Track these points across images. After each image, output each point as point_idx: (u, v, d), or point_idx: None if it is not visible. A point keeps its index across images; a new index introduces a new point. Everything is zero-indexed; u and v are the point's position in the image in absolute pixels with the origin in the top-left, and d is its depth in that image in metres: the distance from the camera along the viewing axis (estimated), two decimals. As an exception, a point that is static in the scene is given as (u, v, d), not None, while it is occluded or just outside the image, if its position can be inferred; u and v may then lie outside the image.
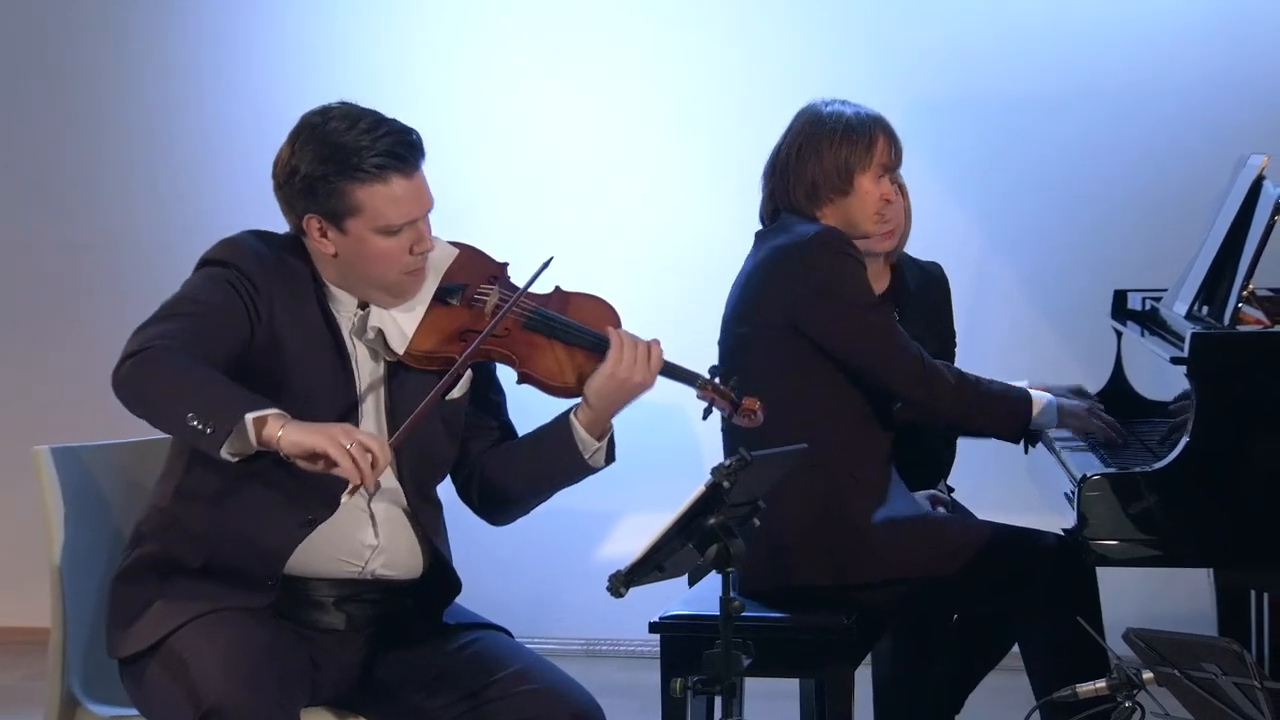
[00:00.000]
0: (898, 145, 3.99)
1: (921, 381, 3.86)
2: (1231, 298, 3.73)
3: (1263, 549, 3.56)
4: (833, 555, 3.84)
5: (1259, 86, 5.37)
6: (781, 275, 3.88)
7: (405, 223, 3.18)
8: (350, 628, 3.28)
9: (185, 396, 2.98)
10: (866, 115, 3.97)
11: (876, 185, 3.95)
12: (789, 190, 3.95)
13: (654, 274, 5.53)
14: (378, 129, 3.18)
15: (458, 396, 3.32)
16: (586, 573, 5.31)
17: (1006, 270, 5.58)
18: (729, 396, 3.34)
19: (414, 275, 3.23)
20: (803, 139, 3.96)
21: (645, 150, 5.67)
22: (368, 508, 3.25)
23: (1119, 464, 3.79)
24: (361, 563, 3.26)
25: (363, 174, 3.15)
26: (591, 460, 3.31)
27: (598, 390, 3.26)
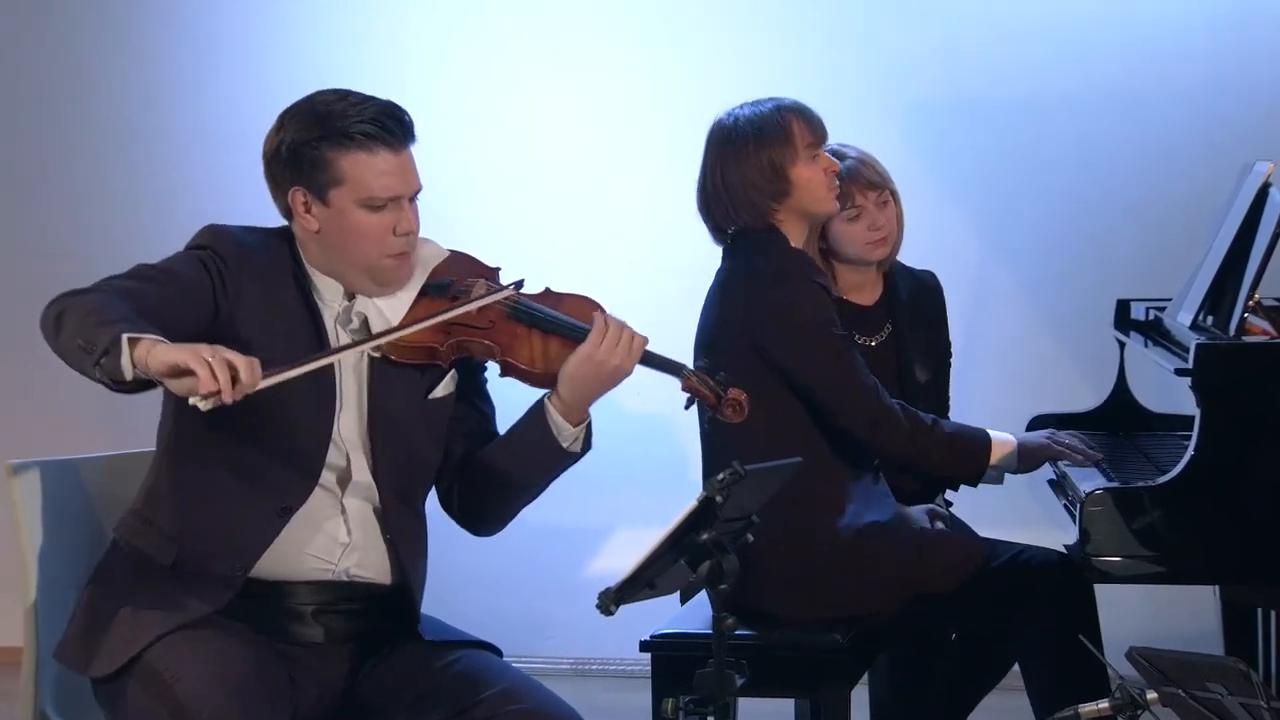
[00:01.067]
0: (814, 119, 3.94)
1: (872, 420, 3.85)
2: (1237, 307, 3.73)
3: (1270, 565, 3.56)
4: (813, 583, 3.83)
5: (1265, 90, 5.38)
6: (742, 304, 3.88)
7: (389, 197, 3.20)
8: (329, 640, 3.28)
9: (80, 325, 2.97)
10: (771, 108, 3.94)
11: (813, 167, 3.92)
12: (731, 214, 3.94)
13: (649, 277, 5.52)
14: (367, 101, 3.24)
15: (441, 396, 3.33)
16: (575, 590, 5.31)
17: (1005, 279, 5.58)
18: (713, 387, 3.34)
19: (398, 260, 3.24)
20: (720, 160, 3.94)
21: (639, 153, 5.67)
22: (340, 501, 3.26)
23: (1122, 479, 3.79)
24: (334, 561, 3.27)
25: (348, 140, 3.18)
26: (568, 446, 3.31)
27: (574, 371, 3.26)
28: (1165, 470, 3.65)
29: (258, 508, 3.22)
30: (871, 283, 4.39)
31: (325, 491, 3.25)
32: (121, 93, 5.89)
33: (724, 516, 2.92)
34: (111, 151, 5.91)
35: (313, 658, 3.27)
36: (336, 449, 3.26)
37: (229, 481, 3.21)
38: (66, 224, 5.90)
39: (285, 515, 3.22)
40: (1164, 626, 5.08)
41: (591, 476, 5.47)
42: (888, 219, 4.32)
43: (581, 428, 3.32)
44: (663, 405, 5.46)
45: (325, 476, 3.25)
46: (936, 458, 3.93)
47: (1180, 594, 4.47)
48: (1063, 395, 4.93)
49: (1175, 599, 4.82)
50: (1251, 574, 3.60)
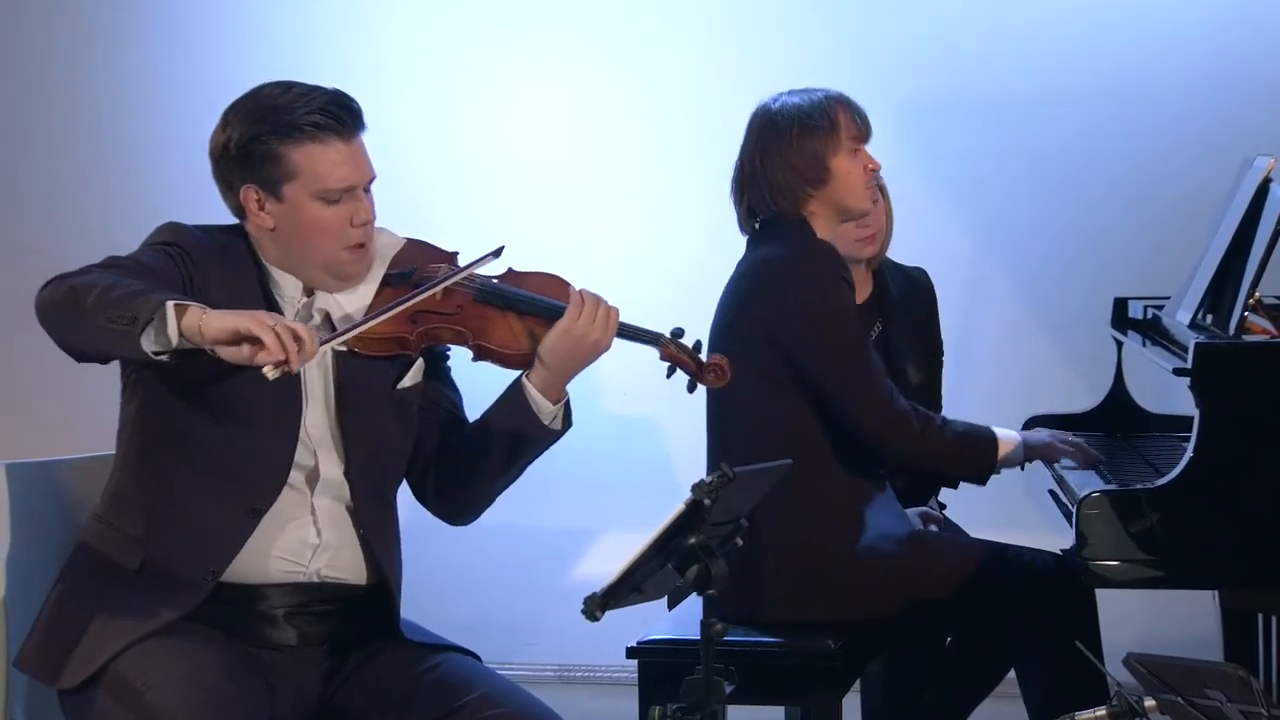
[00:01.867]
0: (861, 114, 3.98)
1: (887, 423, 3.85)
2: (1237, 306, 3.73)
3: (1271, 569, 3.56)
4: (814, 592, 3.83)
5: (1264, 85, 5.38)
6: (765, 290, 3.88)
7: (343, 188, 3.20)
8: (304, 643, 3.27)
9: (106, 299, 2.97)
10: (820, 97, 3.96)
11: (854, 161, 3.94)
12: (766, 199, 3.94)
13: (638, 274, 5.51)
14: (313, 92, 3.23)
15: (410, 385, 3.33)
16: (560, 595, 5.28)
17: (1000, 277, 5.58)
18: (692, 354, 3.35)
19: (356, 253, 3.24)
20: (763, 144, 3.95)
21: (630, 150, 5.67)
22: (309, 501, 3.25)
23: (1120, 481, 3.79)
24: (304, 563, 3.26)
25: (297, 132, 3.18)
26: (550, 424, 3.31)
27: (553, 347, 3.27)
28: (1164, 472, 3.64)
29: (226, 509, 3.20)
30: (861, 281, 4.39)
31: (293, 491, 3.25)
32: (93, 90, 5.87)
33: (712, 520, 2.91)
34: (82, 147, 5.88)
35: (288, 662, 3.26)
36: (304, 448, 3.25)
37: (195, 483, 3.21)
38: (38, 222, 5.88)
39: (254, 517, 3.21)
40: (1163, 632, 5.08)
41: (577, 478, 5.54)
42: (877, 216, 4.32)
43: (560, 405, 3.32)
44: (650, 406, 5.51)
45: (293, 476, 3.24)
46: (947, 459, 3.94)
47: (1179, 599, 4.46)
48: (1059, 395, 4.92)
49: (1174, 604, 4.82)
50: (1252, 578, 3.60)
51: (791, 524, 3.81)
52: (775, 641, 3.81)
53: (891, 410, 3.85)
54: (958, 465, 3.97)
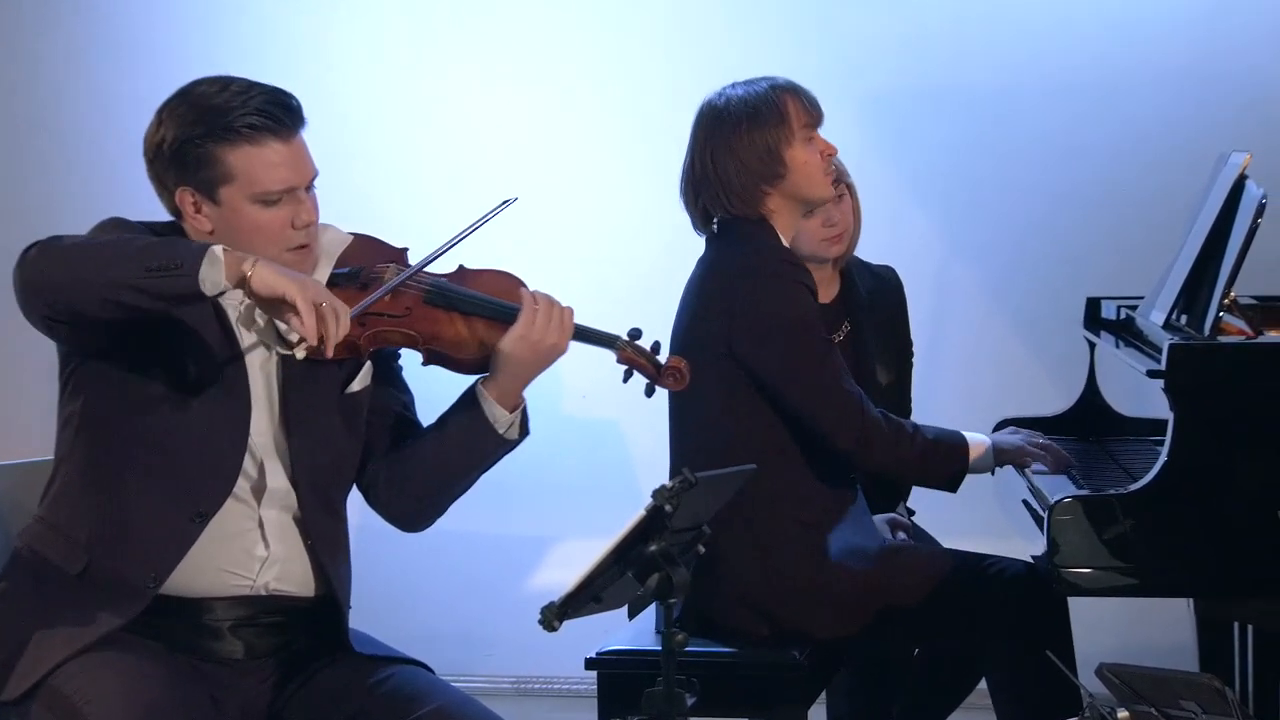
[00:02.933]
0: (810, 99, 3.95)
1: (856, 431, 3.84)
2: (1212, 306, 3.74)
3: (1246, 577, 3.57)
4: (779, 602, 3.83)
5: (1240, 78, 5.40)
6: (721, 304, 3.87)
7: (282, 190, 3.19)
8: (250, 656, 3.26)
9: (131, 253, 2.99)
10: (765, 88, 3.93)
11: (809, 149, 3.92)
12: (721, 200, 3.92)
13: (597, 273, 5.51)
14: (250, 90, 3.20)
15: (358, 389, 3.32)
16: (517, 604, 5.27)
17: (970, 276, 5.59)
18: (650, 357, 3.34)
19: (300, 254, 3.22)
20: (712, 143, 3.92)
21: (589, 145, 5.66)
22: (256, 513, 3.24)
23: (1093, 486, 3.80)
24: (252, 576, 3.25)
25: (233, 135, 3.16)
26: (506, 433, 3.30)
27: (508, 354, 3.26)
28: (1137, 477, 3.66)
29: (171, 512, 3.19)
30: (828, 280, 4.39)
31: (239, 502, 3.23)
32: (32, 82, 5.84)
33: (674, 527, 2.91)
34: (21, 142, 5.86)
35: (233, 675, 3.25)
36: (250, 456, 3.23)
37: (140, 484, 3.19)
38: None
39: (200, 521, 3.19)
40: (1136, 641, 5.09)
41: (535, 484, 5.54)
42: (843, 214, 4.33)
43: (517, 413, 3.31)
44: (609, 410, 5.50)
45: (239, 485, 3.23)
46: (918, 467, 3.94)
47: (1153, 607, 4.49)
48: (1030, 398, 4.94)
49: (1148, 612, 4.84)
50: (1227, 586, 3.62)
51: (756, 533, 3.82)
52: (739, 652, 3.82)
53: (862, 422, 3.85)
54: (929, 473, 3.97)
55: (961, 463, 3.93)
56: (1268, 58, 5.38)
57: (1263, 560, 3.55)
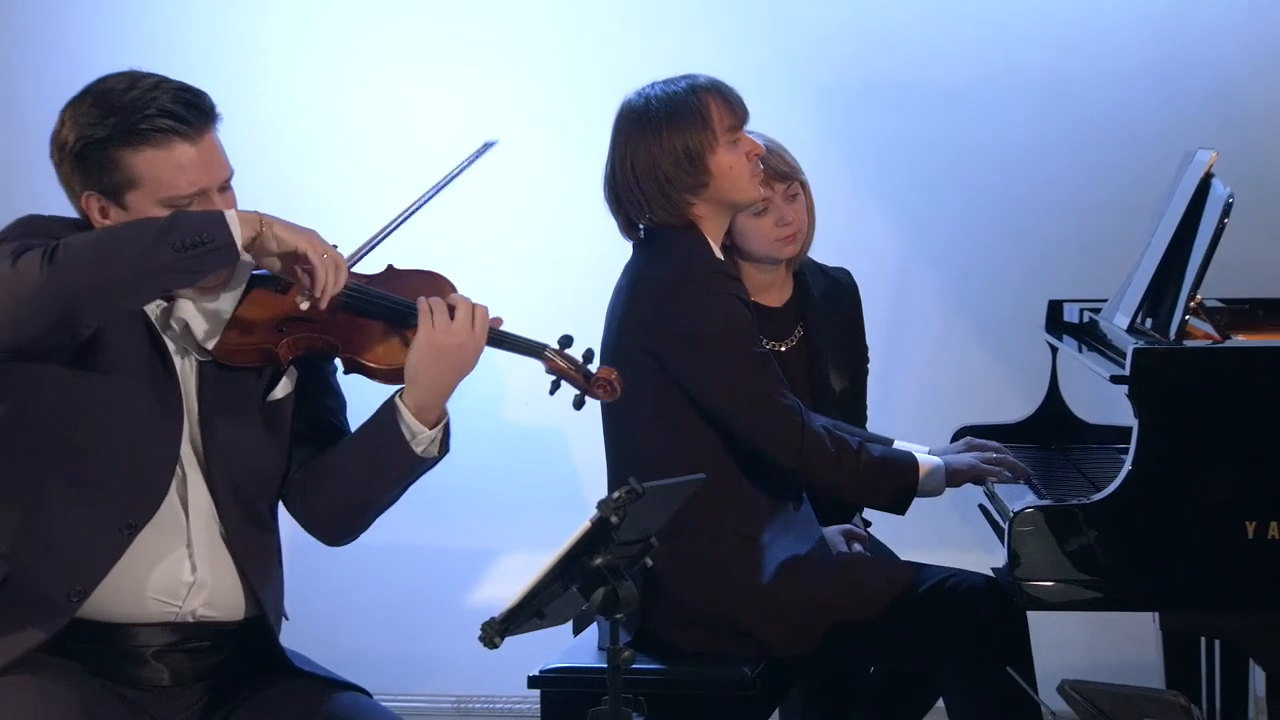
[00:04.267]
0: (733, 98, 3.92)
1: (795, 448, 3.84)
2: (1178, 309, 3.76)
3: (1213, 590, 3.59)
4: (728, 618, 3.84)
5: (1205, 74, 5.43)
6: (649, 316, 3.85)
7: (193, 193, 3.15)
8: (175, 682, 3.23)
9: (149, 239, 3.01)
10: (685, 86, 3.90)
11: (734, 153, 3.90)
12: (644, 207, 3.91)
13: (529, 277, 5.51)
14: (158, 88, 3.16)
15: (280, 397, 3.29)
16: (456, 621, 5.27)
17: (927, 277, 5.60)
18: (579, 367, 3.33)
19: None
20: (630, 146, 3.90)
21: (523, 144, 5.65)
22: (186, 531, 3.22)
23: (1054, 496, 3.81)
24: (179, 602, 3.22)
25: (137, 138, 3.12)
26: (423, 451, 3.25)
27: (416, 363, 3.21)
28: (1101, 486, 3.67)
29: (98, 523, 3.16)
30: (780, 282, 4.40)
31: (168, 516, 3.20)
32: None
33: (620, 539, 2.91)
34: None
35: (158, 702, 3.22)
36: (179, 465, 3.21)
37: (66, 493, 3.16)
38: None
39: (129, 533, 3.17)
40: (1100, 657, 5.12)
41: (475, 495, 5.53)
42: (796, 213, 4.33)
43: (439, 429, 3.26)
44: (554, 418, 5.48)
45: (168, 500, 3.20)
46: (862, 486, 3.93)
47: (1118, 622, 4.51)
48: (990, 404, 4.95)
49: (1112, 627, 4.86)
50: (1193, 600, 3.63)
51: (700, 545, 3.82)
52: (687, 670, 3.82)
53: (801, 437, 3.84)
54: (873, 493, 3.97)
55: (909, 484, 3.92)
56: (1233, 51, 5.41)
57: (1230, 573, 3.57)
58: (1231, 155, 4.07)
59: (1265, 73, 5.40)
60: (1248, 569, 3.56)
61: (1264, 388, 3.59)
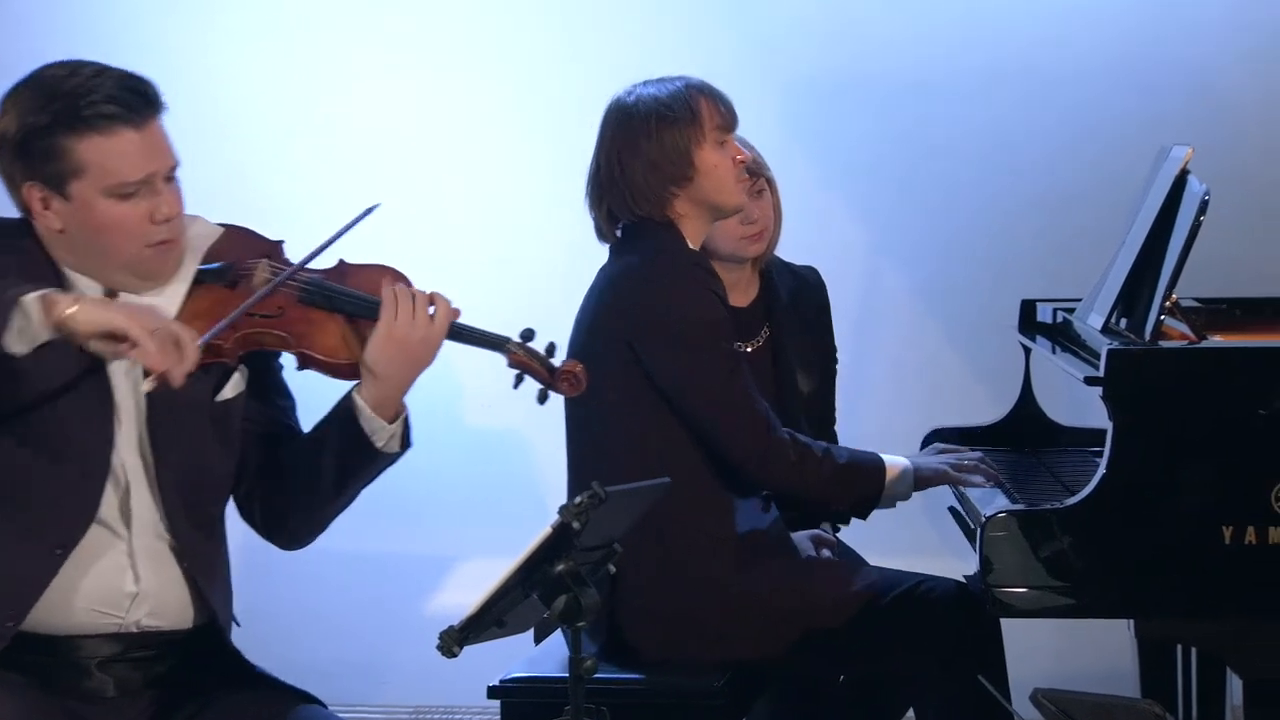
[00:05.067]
0: (724, 102, 3.98)
1: (758, 453, 3.87)
2: (1153, 310, 3.77)
3: (1189, 597, 3.60)
4: (693, 625, 3.84)
5: (1181, 67, 5.44)
6: (625, 305, 3.88)
7: (139, 180, 3.14)
8: (121, 692, 3.21)
9: None
10: (679, 87, 3.96)
11: (721, 154, 3.95)
12: (627, 202, 3.94)
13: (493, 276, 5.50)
14: (102, 74, 3.15)
15: (231, 396, 3.27)
16: (414, 629, 5.27)
17: (897, 277, 5.61)
18: (543, 360, 3.33)
19: (161, 250, 3.17)
20: (619, 142, 3.95)
21: (486, 140, 5.65)
22: (126, 542, 3.19)
23: (1027, 500, 3.82)
24: (122, 613, 3.20)
25: (82, 124, 3.11)
26: (384, 446, 3.25)
27: (376, 356, 3.21)
28: (1075, 490, 3.68)
29: (26, 547, 3.13)
30: (746, 281, 4.40)
31: (105, 530, 3.18)
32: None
33: (582, 545, 2.91)
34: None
35: (104, 713, 3.20)
36: (115, 478, 3.18)
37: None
38: None
39: (59, 557, 3.14)
40: (1074, 665, 5.13)
41: (434, 500, 5.53)
42: (763, 211, 4.34)
43: (398, 423, 3.26)
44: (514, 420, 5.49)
45: (105, 510, 3.17)
46: (826, 491, 3.95)
47: (1092, 629, 4.51)
48: (961, 406, 4.96)
49: (1087, 634, 4.87)
50: (1169, 607, 3.64)
51: (667, 550, 3.82)
52: (651, 679, 3.82)
53: (765, 439, 3.86)
54: (837, 499, 4.00)
55: (875, 490, 3.95)
56: (1210, 45, 5.43)
57: (1207, 579, 3.58)
58: (1208, 151, 4.08)
59: (1243, 68, 5.42)
60: (1224, 575, 3.57)
61: (1241, 389, 3.59)
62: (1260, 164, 5.34)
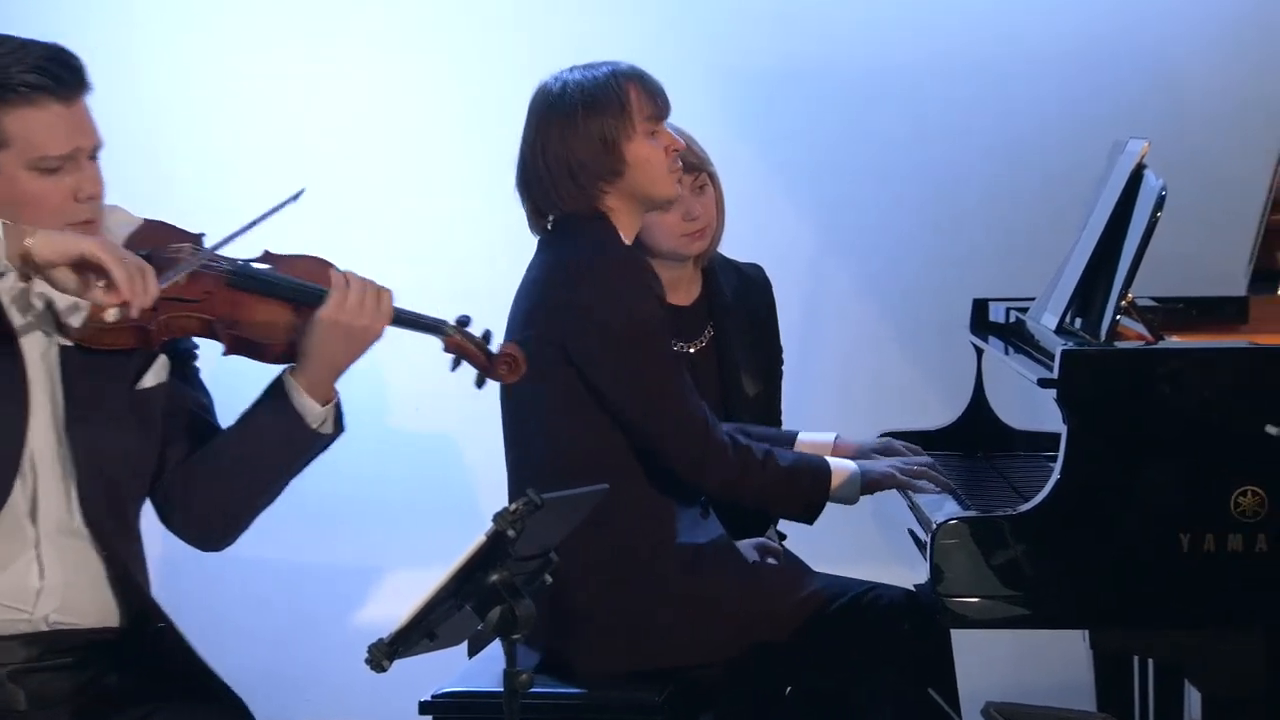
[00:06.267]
0: (655, 88, 3.95)
1: (695, 453, 3.85)
2: (1108, 309, 3.79)
3: (1146, 606, 3.62)
4: (633, 637, 3.84)
5: (1137, 57, 5.47)
6: (556, 305, 3.86)
7: (64, 154, 3.16)
8: (37, 705, 3.19)
9: None
10: (606, 73, 3.92)
11: (652, 145, 3.92)
12: (553, 197, 3.91)
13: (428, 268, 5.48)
14: (26, 47, 3.18)
15: (152, 385, 3.28)
16: (342, 642, 5.27)
17: (845, 275, 5.62)
18: (480, 344, 3.36)
19: (81, 230, 3.16)
20: (544, 131, 3.92)
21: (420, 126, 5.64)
22: (31, 533, 3.18)
23: (980, 507, 3.83)
24: (29, 609, 3.19)
25: (8, 94, 3.14)
26: (320, 428, 3.28)
27: (319, 339, 3.25)
28: (1028, 496, 3.69)
29: None
30: (688, 280, 4.40)
31: (9, 521, 3.17)
32: None
33: (518, 554, 2.91)
34: None
35: (15, 729, 3.19)
36: (23, 466, 3.17)
37: None
38: None
39: None
40: (1028, 678, 5.15)
41: (362, 506, 5.51)
42: (705, 207, 4.34)
43: (330, 406, 3.30)
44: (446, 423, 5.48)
45: (12, 501, 3.16)
46: (769, 497, 3.96)
47: (1046, 640, 4.53)
48: (911, 409, 4.98)
49: (1041, 646, 4.89)
50: (1125, 617, 3.65)
51: (605, 560, 3.82)
52: (590, 693, 3.82)
53: (704, 445, 3.85)
54: (779, 505, 4.01)
55: (820, 495, 3.95)
56: (1168, 34, 5.46)
57: (1164, 587, 3.59)
58: (1165, 145, 4.10)
59: (1203, 58, 5.45)
60: (1182, 584, 3.59)
61: (1198, 392, 3.61)
62: (1219, 158, 5.37)
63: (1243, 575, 3.57)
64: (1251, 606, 3.60)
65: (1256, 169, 4.48)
